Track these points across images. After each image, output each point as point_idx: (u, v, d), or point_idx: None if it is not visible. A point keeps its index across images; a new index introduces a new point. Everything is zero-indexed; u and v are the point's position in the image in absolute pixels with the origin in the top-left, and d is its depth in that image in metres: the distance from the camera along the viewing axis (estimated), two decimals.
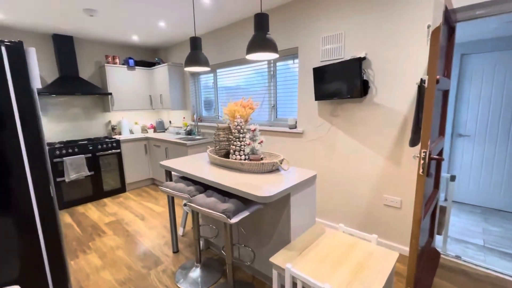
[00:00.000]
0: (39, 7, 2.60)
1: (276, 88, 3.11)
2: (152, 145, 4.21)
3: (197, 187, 1.81)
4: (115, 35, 3.72)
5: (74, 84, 3.58)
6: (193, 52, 2.05)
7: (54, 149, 3.28)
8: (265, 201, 1.37)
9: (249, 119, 2.16)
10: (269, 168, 1.81)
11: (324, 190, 2.69)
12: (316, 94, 2.50)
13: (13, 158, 1.27)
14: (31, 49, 1.32)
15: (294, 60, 2.82)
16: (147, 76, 4.43)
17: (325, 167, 2.65)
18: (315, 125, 2.66)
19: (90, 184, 3.65)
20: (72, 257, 2.33)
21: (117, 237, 2.66)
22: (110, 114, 4.32)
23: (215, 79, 3.88)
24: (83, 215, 3.25)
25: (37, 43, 3.51)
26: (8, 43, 1.22)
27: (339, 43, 2.36)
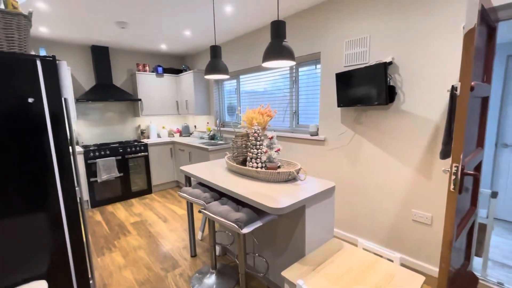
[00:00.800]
0: (78, 22, 2.84)
1: (298, 93, 3.06)
2: (177, 149, 4.36)
3: (213, 194, 1.82)
4: (145, 44, 3.94)
5: (108, 91, 3.85)
6: (213, 60, 2.08)
7: (88, 151, 3.54)
8: (277, 212, 1.33)
9: (267, 126, 2.13)
10: (285, 178, 1.76)
11: (345, 201, 2.56)
12: (338, 100, 2.40)
13: (44, 160, 1.37)
14: (63, 63, 1.44)
15: (316, 66, 2.75)
16: (174, 82, 4.62)
17: (347, 177, 2.53)
18: (338, 133, 2.55)
19: (119, 184, 3.87)
20: (99, 254, 2.48)
21: (140, 238, 2.77)
22: (140, 119, 4.57)
23: (238, 85, 3.92)
24: (112, 214, 3.45)
25: (78, 54, 3.84)
26: (43, 57, 1.33)
27: (364, 48, 2.25)
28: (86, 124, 4.02)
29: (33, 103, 1.32)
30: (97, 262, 2.34)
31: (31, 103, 1.32)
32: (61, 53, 3.70)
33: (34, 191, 1.36)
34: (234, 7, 2.56)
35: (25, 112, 1.31)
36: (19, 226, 1.33)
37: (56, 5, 2.38)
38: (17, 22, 1.32)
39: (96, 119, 4.10)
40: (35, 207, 1.37)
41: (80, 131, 3.96)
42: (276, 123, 3.37)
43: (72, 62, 3.81)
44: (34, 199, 1.36)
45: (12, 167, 1.30)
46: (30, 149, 1.33)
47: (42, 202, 1.39)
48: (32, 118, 1.32)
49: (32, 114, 1.32)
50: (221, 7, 2.56)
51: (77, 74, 3.88)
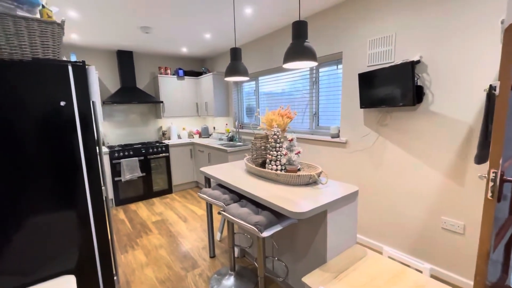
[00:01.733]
0: (106, 28, 2.97)
1: (318, 94, 3.00)
2: (197, 150, 4.43)
3: (232, 196, 1.82)
4: (167, 48, 4.05)
5: (132, 93, 4.00)
6: (233, 63, 2.09)
7: (113, 151, 3.70)
8: (298, 217, 1.30)
9: (287, 128, 2.10)
10: (306, 181, 1.72)
11: (369, 206, 2.47)
12: (361, 101, 2.32)
13: (73, 160, 1.44)
14: (91, 68, 1.50)
15: (338, 66, 2.68)
16: (194, 85, 4.71)
17: (370, 181, 2.43)
18: (360, 135, 2.46)
19: (141, 184, 4.00)
20: (122, 251, 2.56)
21: (161, 237, 2.84)
22: (161, 120, 4.70)
23: (257, 87, 3.92)
24: (135, 212, 3.57)
25: (104, 58, 4.03)
26: (74, 63, 1.40)
27: (389, 46, 2.15)
28: (112, 125, 4.20)
29: (64, 106, 1.39)
30: (121, 259, 2.43)
31: (63, 106, 1.39)
32: (89, 58, 3.90)
33: (64, 189, 1.43)
34: (255, 8, 2.56)
35: (58, 114, 1.38)
36: (50, 223, 1.41)
37: (86, 13, 2.51)
38: (52, 30, 1.40)
39: (121, 121, 4.28)
40: (64, 204, 1.44)
41: (106, 132, 4.15)
42: (295, 125, 3.32)
43: (99, 66, 4.00)
44: (63, 197, 1.43)
45: (45, 166, 1.37)
46: (61, 149, 1.40)
47: (71, 200, 1.46)
48: (63, 120, 1.39)
49: (63, 116, 1.39)
50: (242, 9, 2.57)
51: (103, 78, 4.07)
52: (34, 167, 1.34)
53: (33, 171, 1.34)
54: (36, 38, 1.36)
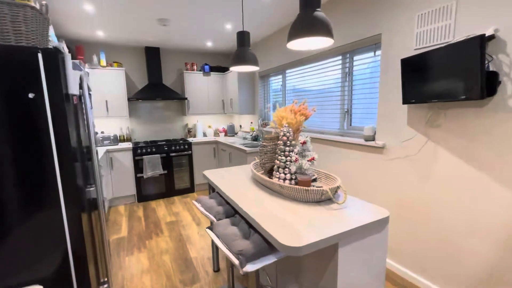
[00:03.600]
0: (123, 22, 2.92)
1: (352, 88, 2.50)
2: (220, 149, 4.24)
3: (227, 209, 1.51)
4: (192, 43, 3.91)
5: (157, 90, 3.97)
6: (239, 50, 1.77)
7: (136, 148, 3.70)
8: (291, 253, 0.93)
9: (301, 128, 1.71)
10: (316, 198, 1.32)
11: (411, 230, 1.92)
12: (405, 95, 1.79)
13: (44, 160, 1.29)
14: (68, 56, 1.34)
15: (375, 52, 2.16)
16: (220, 81, 4.52)
17: (414, 199, 1.89)
18: (402, 138, 1.93)
19: (163, 182, 3.96)
20: (128, 253, 2.46)
21: (170, 240, 2.68)
22: (187, 118, 4.63)
23: (283, 81, 3.53)
24: (153, 210, 3.52)
25: (133, 55, 4.07)
26: (45, 49, 1.24)
27: (446, 20, 1.60)
28: (139, 121, 4.24)
29: (33, 99, 1.24)
30: (125, 262, 2.31)
31: (32, 99, 1.24)
32: (119, 55, 3.97)
33: (32, 191, 1.29)
34: None
35: (26, 107, 1.23)
36: (16, 227, 1.28)
37: (101, 6, 2.45)
38: (24, 14, 1.26)
39: (147, 117, 4.30)
40: (33, 208, 1.30)
41: (133, 128, 4.21)
42: (325, 124, 2.87)
43: (128, 63, 4.06)
44: (31, 201, 1.29)
45: (10, 166, 1.24)
46: (29, 147, 1.26)
47: (41, 204, 1.31)
48: (32, 114, 1.25)
49: (32, 110, 1.24)
50: None
51: (132, 74, 4.12)
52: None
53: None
54: (7, 24, 1.23)
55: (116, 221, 3.20)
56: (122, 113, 3.81)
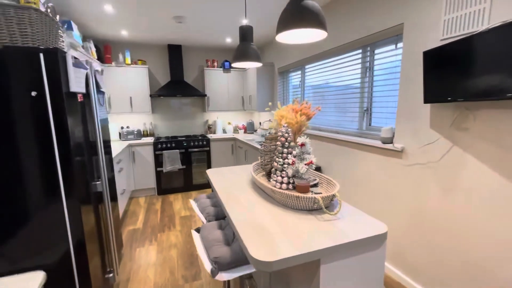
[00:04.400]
0: (143, 21, 3.01)
1: (372, 84, 2.28)
2: (237, 146, 4.22)
3: (218, 211, 1.47)
4: (211, 40, 3.92)
5: (178, 87, 4.06)
6: (240, 45, 1.70)
7: (157, 143, 3.84)
8: (260, 267, 0.85)
9: (304, 129, 1.59)
10: (307, 205, 1.21)
11: (430, 245, 1.70)
12: (427, 92, 1.57)
13: (46, 155, 1.36)
14: (68, 55, 1.39)
15: (397, 44, 1.93)
16: (240, 77, 4.48)
17: (435, 211, 1.66)
18: (423, 141, 1.70)
19: (182, 176, 4.07)
20: (140, 244, 2.56)
21: (180, 235, 2.73)
22: (208, 114, 4.68)
23: (302, 77, 3.38)
24: (170, 204, 3.63)
25: (157, 53, 4.21)
26: (46, 50, 1.30)
27: (480, 4, 1.35)
28: (161, 117, 4.40)
29: (36, 97, 1.31)
30: (135, 253, 2.41)
31: (34, 97, 1.31)
32: (143, 53, 4.14)
33: (35, 184, 1.37)
34: None
35: (29, 105, 1.31)
36: (22, 218, 1.37)
37: (117, 5, 2.54)
38: (29, 17, 1.33)
39: (169, 113, 4.44)
40: (36, 201, 1.38)
41: (156, 123, 4.38)
42: (342, 124, 2.68)
43: (152, 61, 4.21)
44: (35, 194, 1.37)
45: (16, 160, 1.33)
46: (31, 143, 1.34)
47: (43, 197, 1.39)
48: (35, 112, 1.32)
49: (35, 107, 1.32)
50: None
51: (156, 72, 4.28)
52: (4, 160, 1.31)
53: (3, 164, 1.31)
54: (13, 26, 1.31)
55: (134, 212, 3.37)
56: (145, 109, 3.98)
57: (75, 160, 1.45)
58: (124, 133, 3.93)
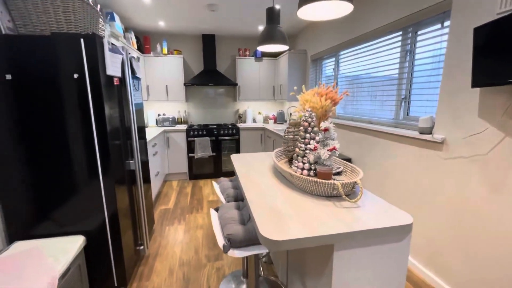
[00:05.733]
0: (178, 10, 3.11)
1: (413, 70, 2.08)
2: (266, 136, 4.21)
3: (237, 193, 1.49)
4: (244, 28, 3.91)
5: (210, 76, 4.16)
6: (267, 27, 1.66)
7: (189, 130, 4.01)
8: (268, 245, 0.84)
9: (330, 114, 1.51)
10: (327, 192, 1.16)
11: (471, 250, 1.52)
12: (475, 75, 1.38)
13: (86, 133, 1.50)
14: (104, 40, 1.50)
15: (443, 23, 1.72)
16: (272, 66, 4.43)
17: (480, 212, 1.48)
18: (469, 132, 1.51)
19: (212, 163, 4.21)
20: (169, 223, 2.73)
21: (206, 217, 2.85)
22: (239, 103, 4.73)
23: (336, 65, 3.21)
24: (200, 188, 3.80)
25: (191, 42, 4.35)
26: (86, 35, 1.42)
27: None
28: (195, 106, 4.57)
29: (77, 79, 1.44)
30: (165, 231, 2.58)
31: (76, 79, 1.44)
32: (179, 43, 4.30)
33: (77, 160, 1.52)
34: None
35: (71, 86, 1.44)
36: (67, 191, 1.55)
37: None
38: (72, 5, 1.45)
39: (202, 102, 4.59)
40: (79, 175, 1.54)
41: (189, 111, 4.57)
42: (376, 113, 2.50)
43: (187, 50, 4.36)
44: (78, 169, 1.53)
45: (60, 138, 1.49)
46: (74, 121, 1.48)
47: (84, 172, 1.54)
48: (76, 92, 1.46)
49: (77, 88, 1.45)
50: None
51: (190, 61, 4.43)
52: (49, 138, 1.47)
53: (50, 142, 1.48)
54: (60, 14, 1.45)
55: (167, 194, 3.59)
56: (180, 98, 4.17)
57: (111, 139, 1.58)
58: (160, 120, 4.17)
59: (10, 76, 1.39)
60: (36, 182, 1.51)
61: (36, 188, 1.52)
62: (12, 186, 1.49)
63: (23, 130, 1.44)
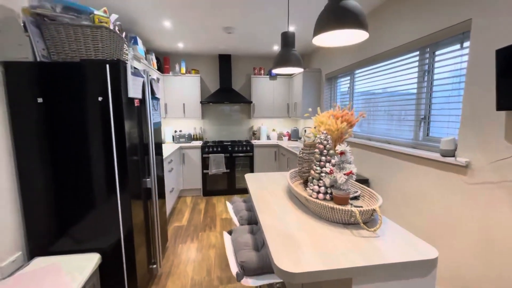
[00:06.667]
0: (195, 33, 3.26)
1: (431, 90, 2.04)
2: (280, 153, 4.20)
3: (252, 215, 1.47)
4: (259, 48, 4.02)
5: (226, 94, 4.26)
6: (282, 50, 1.70)
7: (204, 147, 4.07)
8: (284, 277, 0.82)
9: (346, 136, 1.49)
10: (343, 218, 1.12)
11: (504, 287, 1.40)
12: (501, 97, 1.33)
13: (106, 153, 1.56)
14: (128, 64, 1.58)
15: (462, 43, 1.69)
16: (286, 84, 4.48)
17: (511, 243, 1.37)
18: (496, 156, 1.43)
19: (226, 180, 4.21)
20: (182, 241, 2.72)
21: (219, 236, 2.82)
22: (253, 121, 4.79)
23: (351, 83, 3.20)
24: (213, 205, 3.79)
25: (208, 62, 4.51)
26: (111, 61, 1.51)
27: None
28: (210, 123, 4.66)
29: (101, 101, 1.52)
30: (178, 249, 2.57)
31: (100, 101, 1.52)
32: (196, 63, 4.47)
33: (97, 178, 1.58)
34: None
35: (96, 108, 1.52)
36: (85, 208, 1.59)
37: (176, 22, 2.81)
38: (101, 34, 1.56)
39: (218, 119, 4.68)
40: (96, 193, 1.59)
41: (205, 128, 4.66)
42: (393, 133, 2.44)
43: (204, 70, 4.52)
44: (95, 187, 1.58)
45: (83, 157, 1.55)
46: (96, 142, 1.55)
47: (102, 190, 1.59)
48: (100, 114, 1.53)
49: (100, 110, 1.53)
50: None
51: (207, 80, 4.57)
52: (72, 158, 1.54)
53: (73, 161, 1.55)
54: (89, 42, 1.56)
55: (181, 210, 3.61)
56: (196, 115, 4.27)
57: (129, 159, 1.63)
58: (177, 136, 4.28)
59: (41, 99, 1.48)
60: (57, 200, 1.57)
61: (57, 206, 1.57)
62: (36, 204, 1.55)
63: (50, 149, 1.52)
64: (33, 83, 1.47)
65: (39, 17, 1.50)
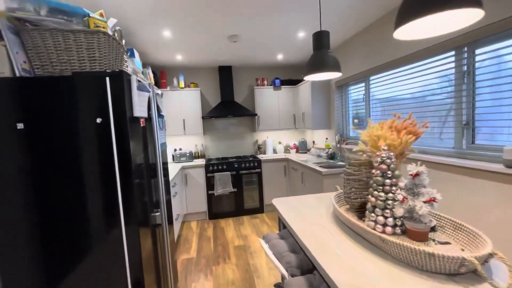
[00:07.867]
0: (198, 43, 3.01)
1: (474, 92, 1.82)
2: (291, 167, 3.90)
3: (301, 259, 1.15)
4: (263, 57, 3.80)
5: (229, 107, 3.99)
6: (316, 54, 1.44)
7: (208, 165, 3.74)
8: None
9: (408, 153, 1.22)
10: (449, 267, 0.82)
11: None
12: None
13: (108, 186, 1.23)
14: (133, 77, 1.28)
15: None
16: (291, 94, 4.25)
17: None
18: None
19: (233, 200, 3.86)
20: (195, 278, 2.35)
21: (237, 269, 2.45)
22: (257, 134, 4.50)
23: (366, 90, 2.99)
24: (222, 230, 3.42)
25: (208, 75, 4.25)
26: (112, 73, 1.21)
27: None
28: (212, 138, 4.35)
29: (100, 124, 1.20)
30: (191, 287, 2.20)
31: (99, 124, 1.20)
32: (195, 76, 4.20)
33: (96, 214, 1.23)
34: None
35: (93, 132, 1.20)
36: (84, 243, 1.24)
37: (175, 29, 2.55)
38: (97, 40, 1.26)
39: (220, 134, 4.38)
40: (98, 228, 1.24)
41: (207, 145, 4.34)
42: (425, 141, 2.20)
43: (203, 83, 4.25)
44: (95, 220, 1.24)
45: (78, 189, 1.22)
46: (94, 176, 1.22)
47: (103, 224, 1.24)
48: (99, 140, 1.21)
49: (99, 135, 1.21)
50: None
51: (207, 94, 4.30)
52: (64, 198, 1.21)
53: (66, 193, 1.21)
54: (83, 52, 1.26)
55: (187, 238, 3.22)
56: (197, 131, 3.96)
57: (135, 188, 1.30)
58: (177, 155, 3.93)
59: (22, 125, 1.15)
60: (46, 255, 1.21)
61: (46, 262, 1.21)
62: (19, 260, 1.19)
63: (34, 191, 1.18)
64: (11, 105, 1.15)
65: (19, 22, 1.20)
